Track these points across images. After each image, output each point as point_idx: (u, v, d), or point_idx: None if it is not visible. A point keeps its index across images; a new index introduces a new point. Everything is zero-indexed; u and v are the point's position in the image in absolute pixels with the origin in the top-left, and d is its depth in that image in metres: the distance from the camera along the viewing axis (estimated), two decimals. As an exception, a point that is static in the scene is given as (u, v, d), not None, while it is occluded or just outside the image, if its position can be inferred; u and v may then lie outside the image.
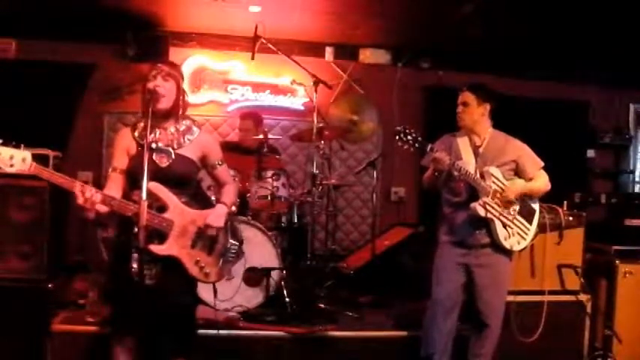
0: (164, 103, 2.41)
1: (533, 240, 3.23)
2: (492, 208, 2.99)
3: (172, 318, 2.43)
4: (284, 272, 3.90)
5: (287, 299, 3.76)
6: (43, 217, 3.33)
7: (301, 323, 3.49)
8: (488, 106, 3.11)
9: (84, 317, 3.33)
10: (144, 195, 2.21)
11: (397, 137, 2.89)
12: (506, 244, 3.03)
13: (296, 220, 4.39)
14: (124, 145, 2.49)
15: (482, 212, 2.98)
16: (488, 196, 2.99)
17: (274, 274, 3.81)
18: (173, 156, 2.44)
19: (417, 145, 2.90)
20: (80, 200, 2.21)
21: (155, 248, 2.33)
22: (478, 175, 3.03)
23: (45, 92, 4.87)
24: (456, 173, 2.97)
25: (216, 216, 2.51)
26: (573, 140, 5.92)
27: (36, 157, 2.17)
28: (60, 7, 4.54)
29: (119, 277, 2.38)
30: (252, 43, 4.13)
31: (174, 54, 5.20)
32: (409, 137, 2.89)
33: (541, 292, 3.57)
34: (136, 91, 5.11)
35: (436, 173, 3.06)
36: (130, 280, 2.21)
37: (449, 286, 3.10)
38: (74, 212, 3.46)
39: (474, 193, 3.02)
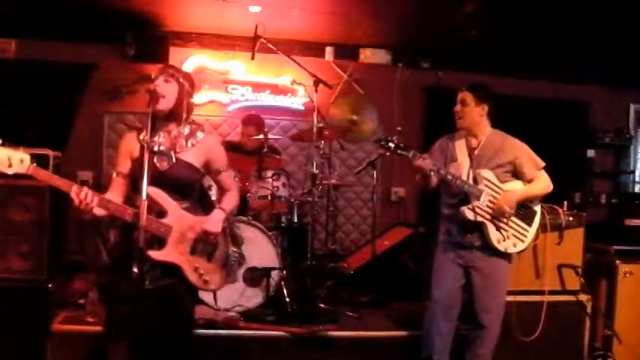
0: (164, 104, 2.39)
1: (533, 241, 3.21)
2: (483, 211, 2.97)
3: (171, 324, 2.41)
4: (284, 272, 3.90)
5: (287, 299, 3.76)
6: (43, 217, 3.33)
7: (301, 323, 3.48)
8: (486, 107, 3.07)
9: (84, 317, 3.33)
10: (144, 195, 2.21)
11: (379, 145, 2.91)
12: (500, 247, 3.01)
13: (296, 220, 4.39)
14: (127, 148, 2.47)
15: (470, 216, 2.96)
16: (479, 200, 2.97)
17: (274, 274, 3.81)
18: (173, 160, 2.41)
19: (398, 151, 2.89)
20: (76, 202, 2.20)
21: (153, 254, 2.30)
22: (471, 178, 3.02)
23: (45, 92, 4.86)
24: (443, 178, 2.97)
25: (213, 222, 2.48)
26: (573, 140, 5.92)
27: (36, 157, 2.16)
28: (60, 7, 4.55)
29: (119, 281, 2.37)
30: (252, 43, 4.13)
31: (174, 54, 5.20)
32: (390, 144, 2.88)
33: (541, 292, 3.57)
34: (136, 91, 5.13)
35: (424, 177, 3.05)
36: (129, 284, 2.20)
37: (447, 286, 3.10)
38: (73, 212, 3.46)
39: (468, 196, 3.01)
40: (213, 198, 3.12)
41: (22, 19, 4.76)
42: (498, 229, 3.01)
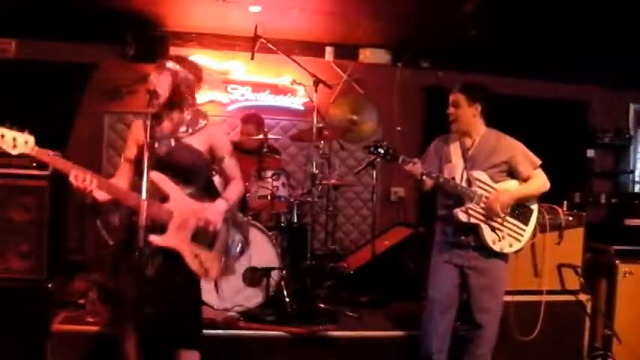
0: (160, 98, 2.40)
1: (530, 240, 3.20)
2: (477, 213, 2.96)
3: (176, 311, 2.41)
4: (284, 272, 3.90)
5: (287, 299, 3.76)
6: (43, 217, 3.33)
7: (301, 323, 3.49)
8: (479, 106, 3.05)
9: (84, 317, 3.33)
10: (143, 195, 2.20)
11: (369, 152, 2.94)
12: (496, 248, 3.00)
13: (296, 220, 4.39)
14: (134, 135, 2.51)
15: (464, 218, 2.96)
16: (472, 202, 2.96)
17: (274, 274, 3.81)
18: (173, 144, 2.43)
19: (388, 157, 2.91)
20: (74, 185, 2.22)
21: (154, 239, 2.30)
22: (465, 180, 3.02)
23: (45, 92, 4.86)
24: (436, 181, 2.97)
25: (214, 211, 2.47)
26: (573, 140, 5.92)
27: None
28: (60, 7, 4.55)
29: (121, 268, 2.38)
30: (252, 43, 4.14)
31: (174, 54, 5.20)
32: (380, 150, 2.90)
33: (541, 292, 3.56)
34: (136, 91, 5.13)
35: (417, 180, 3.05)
36: (131, 271, 2.20)
37: (444, 285, 3.09)
38: (74, 196, 3.45)
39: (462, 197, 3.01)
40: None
41: (22, 19, 4.76)
42: (493, 229, 3.00)
